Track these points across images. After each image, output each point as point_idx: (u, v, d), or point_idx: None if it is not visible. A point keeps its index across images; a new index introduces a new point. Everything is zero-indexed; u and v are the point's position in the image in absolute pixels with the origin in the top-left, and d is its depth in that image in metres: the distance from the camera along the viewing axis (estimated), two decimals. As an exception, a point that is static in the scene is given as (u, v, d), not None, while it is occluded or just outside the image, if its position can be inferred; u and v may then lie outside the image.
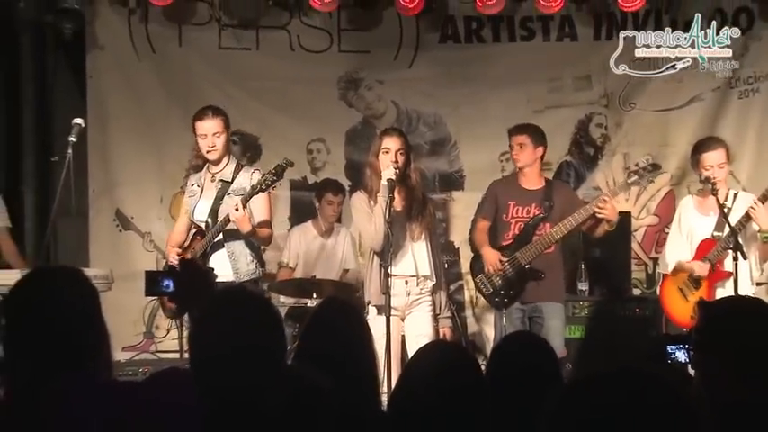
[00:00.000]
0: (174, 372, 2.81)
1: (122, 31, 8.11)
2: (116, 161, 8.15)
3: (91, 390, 2.61)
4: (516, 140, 6.68)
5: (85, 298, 2.74)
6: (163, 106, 8.02)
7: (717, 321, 3.00)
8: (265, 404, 2.36)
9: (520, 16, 8.32)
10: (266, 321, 2.52)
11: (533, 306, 6.54)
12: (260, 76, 8.34)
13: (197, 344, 2.48)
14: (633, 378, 1.57)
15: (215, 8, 8.20)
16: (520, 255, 6.51)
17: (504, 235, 6.64)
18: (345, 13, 8.27)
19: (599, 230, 6.62)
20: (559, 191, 6.79)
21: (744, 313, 3.04)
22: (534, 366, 3.19)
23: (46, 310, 2.66)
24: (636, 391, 1.54)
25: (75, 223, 7.82)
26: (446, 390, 2.72)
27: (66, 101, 8.00)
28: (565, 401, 1.56)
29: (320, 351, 3.32)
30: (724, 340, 2.90)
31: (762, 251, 6.56)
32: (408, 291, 6.12)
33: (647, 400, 1.53)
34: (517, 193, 6.67)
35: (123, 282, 6.61)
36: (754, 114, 8.23)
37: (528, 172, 6.66)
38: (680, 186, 8.22)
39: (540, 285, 6.50)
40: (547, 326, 6.45)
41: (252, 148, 8.33)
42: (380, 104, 8.51)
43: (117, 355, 6.90)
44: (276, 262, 8.00)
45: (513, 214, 6.64)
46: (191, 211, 6.35)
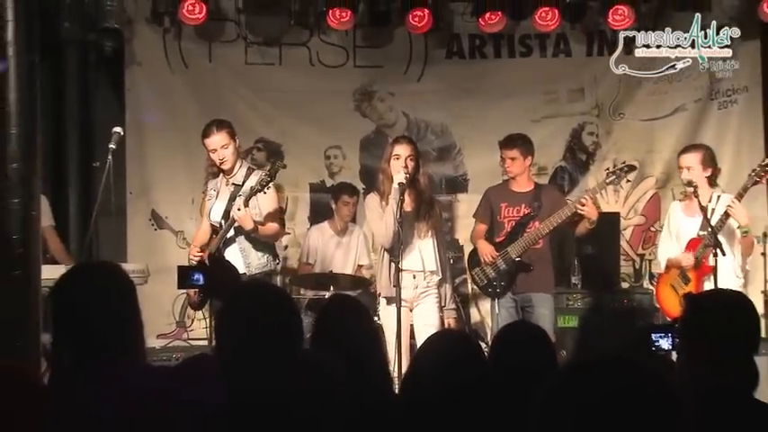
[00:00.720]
0: (204, 357, 2.82)
1: (158, 48, 8.14)
2: (151, 166, 8.17)
3: (128, 373, 2.62)
4: (508, 155, 6.68)
5: (124, 290, 2.75)
6: (194, 116, 8.02)
7: (701, 312, 3.02)
8: (284, 386, 2.37)
9: (519, 34, 8.32)
10: (283, 311, 2.52)
11: (524, 296, 6.57)
12: (282, 89, 8.35)
13: (222, 332, 2.49)
14: (618, 365, 1.56)
15: (242, 27, 8.22)
16: (511, 249, 6.56)
17: (499, 233, 6.69)
18: (360, 32, 8.27)
19: (580, 228, 6.66)
20: (547, 193, 6.82)
21: (725, 305, 3.06)
22: (532, 354, 3.19)
23: (88, 301, 2.67)
24: (620, 378, 1.53)
25: (114, 222, 7.84)
26: (452, 376, 2.72)
27: (107, 111, 8.02)
28: (553, 389, 1.55)
29: (332, 341, 3.33)
30: (708, 329, 2.91)
31: (743, 245, 6.56)
32: (416, 284, 6.14)
33: (632, 387, 1.52)
34: (508, 196, 6.72)
35: (158, 276, 6.64)
36: (732, 123, 8.21)
37: (519, 178, 6.70)
38: (665, 189, 8.22)
39: (530, 277, 6.54)
40: (536, 314, 6.47)
41: (275, 154, 8.34)
42: (392, 115, 8.51)
43: (152, 342, 6.97)
44: (297, 258, 8.04)
45: (506, 214, 6.68)
46: (208, 213, 6.39)
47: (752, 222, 7.75)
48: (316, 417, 2.38)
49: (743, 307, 3.03)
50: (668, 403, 1.51)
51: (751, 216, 7.41)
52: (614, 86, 8.35)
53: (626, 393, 1.51)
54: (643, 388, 1.52)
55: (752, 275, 7.76)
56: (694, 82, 8.23)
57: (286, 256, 8.16)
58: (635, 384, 1.52)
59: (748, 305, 3.05)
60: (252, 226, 6.00)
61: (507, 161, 6.68)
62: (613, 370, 1.55)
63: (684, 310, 3.12)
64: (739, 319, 2.96)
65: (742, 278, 6.56)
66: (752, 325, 2.98)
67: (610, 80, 8.31)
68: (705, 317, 2.98)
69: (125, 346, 2.65)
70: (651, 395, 1.51)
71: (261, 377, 2.37)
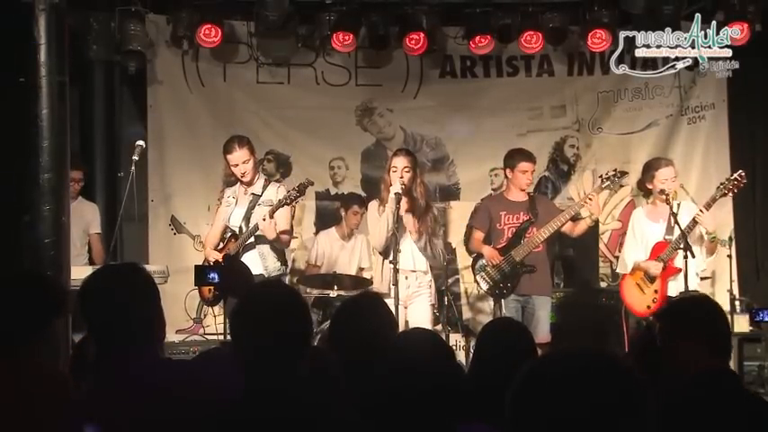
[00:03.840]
0: (218, 351, 2.82)
1: (177, 68, 8.14)
2: (171, 176, 8.17)
3: (150, 364, 2.63)
4: (530, 167, 6.67)
5: (146, 289, 2.75)
6: (210, 130, 8.03)
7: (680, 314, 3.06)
8: (294, 376, 2.37)
9: (506, 56, 8.33)
10: (296, 309, 2.51)
11: (526, 298, 6.57)
12: (290, 106, 8.36)
13: (237, 326, 2.48)
14: (586, 358, 1.54)
15: (253, 49, 8.21)
16: (514, 252, 6.57)
17: (499, 240, 6.68)
18: (362, 54, 8.28)
19: (578, 229, 6.67)
20: (541, 201, 6.87)
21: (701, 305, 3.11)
22: (511, 345, 3.16)
23: (114, 299, 2.67)
24: (587, 370, 1.51)
25: (137, 227, 7.86)
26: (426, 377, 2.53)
27: (131, 126, 8.04)
28: (525, 380, 1.53)
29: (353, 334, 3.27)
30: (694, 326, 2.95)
31: (708, 248, 6.60)
32: (408, 284, 6.16)
33: (599, 378, 1.50)
34: (507, 205, 6.73)
35: (177, 276, 6.64)
36: (701, 137, 8.23)
37: (515, 188, 6.71)
38: (639, 197, 8.22)
39: (531, 279, 6.54)
40: (537, 315, 6.51)
41: (284, 164, 8.36)
42: (390, 129, 8.52)
43: (171, 336, 6.97)
44: (305, 260, 8.04)
45: (506, 222, 6.68)
46: (227, 218, 6.39)
47: (719, 228, 7.81)
48: (320, 411, 2.36)
49: (713, 306, 3.10)
50: (632, 395, 1.49)
51: (718, 222, 7.45)
52: (593, 103, 8.38)
53: (591, 385, 1.49)
54: (609, 380, 1.50)
55: (718, 276, 7.81)
56: (666, 99, 8.26)
57: (294, 258, 8.17)
58: (602, 376, 1.50)
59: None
60: (274, 236, 6.06)
61: (528, 174, 6.66)
62: (580, 363, 1.53)
63: (661, 319, 3.16)
64: (715, 317, 3.03)
65: (699, 280, 6.61)
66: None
67: (589, 98, 8.37)
68: (687, 316, 3.03)
69: (149, 339, 2.66)
70: (617, 388, 1.49)
71: (273, 367, 2.36)
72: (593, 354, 1.54)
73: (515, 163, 6.67)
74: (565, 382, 1.49)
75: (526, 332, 3.39)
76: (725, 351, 2.97)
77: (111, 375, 2.58)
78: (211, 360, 2.78)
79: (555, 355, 1.57)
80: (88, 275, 2.84)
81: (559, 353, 1.57)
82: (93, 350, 2.70)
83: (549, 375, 1.52)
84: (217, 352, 2.92)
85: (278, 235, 6.07)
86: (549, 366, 1.55)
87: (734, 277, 7.48)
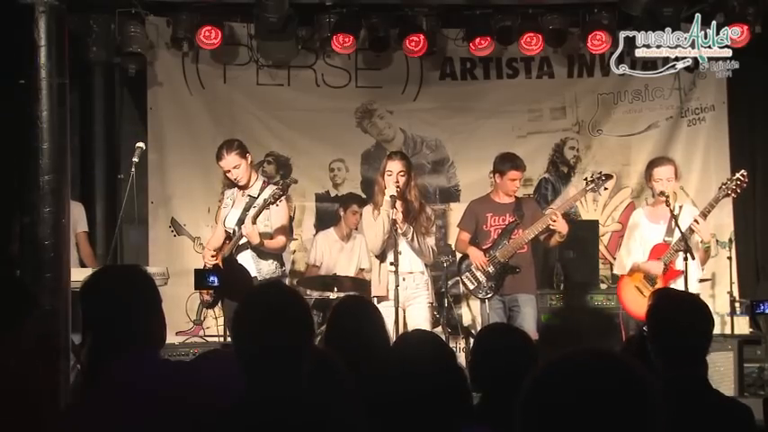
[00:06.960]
0: (218, 352, 2.82)
1: (177, 70, 8.14)
2: (171, 178, 8.16)
3: (151, 365, 2.62)
4: (517, 176, 6.68)
5: (146, 291, 2.74)
6: (210, 132, 8.03)
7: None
8: (297, 378, 2.36)
9: (506, 58, 8.33)
10: (297, 310, 2.50)
11: (511, 297, 6.60)
12: (290, 107, 8.36)
13: (239, 328, 2.47)
14: (594, 361, 1.53)
15: (253, 51, 8.22)
16: (499, 253, 6.59)
17: (485, 241, 6.69)
18: (362, 55, 8.29)
19: (552, 242, 6.71)
20: (527, 204, 6.88)
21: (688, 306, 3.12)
22: (510, 354, 3.09)
23: (115, 300, 2.67)
24: (595, 372, 1.51)
25: (137, 229, 7.87)
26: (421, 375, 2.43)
27: (130, 128, 8.03)
28: (532, 386, 1.52)
29: (346, 335, 3.30)
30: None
31: (702, 257, 6.62)
32: (406, 286, 6.16)
33: (606, 380, 1.49)
34: (493, 207, 6.74)
35: (177, 278, 6.64)
36: (701, 139, 8.23)
37: (503, 191, 6.72)
38: (639, 199, 8.23)
39: (516, 279, 6.57)
40: (522, 313, 6.53)
41: (284, 166, 8.36)
42: (390, 131, 8.52)
43: (171, 338, 6.96)
44: (304, 262, 8.04)
45: (492, 223, 6.70)
46: (223, 219, 6.39)
47: (719, 229, 7.83)
48: (325, 413, 2.35)
49: (702, 306, 3.12)
50: (643, 395, 1.49)
51: (718, 223, 7.46)
52: (593, 105, 8.38)
53: (602, 383, 1.49)
54: (617, 381, 1.49)
55: (718, 278, 7.81)
56: (666, 101, 8.27)
57: (294, 259, 8.17)
58: (610, 378, 1.50)
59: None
60: (258, 241, 6.01)
61: (516, 182, 6.68)
62: (590, 362, 1.53)
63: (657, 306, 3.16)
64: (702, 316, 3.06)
65: (698, 283, 6.63)
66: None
67: (589, 100, 8.37)
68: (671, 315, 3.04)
69: (149, 341, 2.65)
70: (627, 387, 1.49)
71: (275, 368, 2.35)
72: (603, 356, 1.53)
73: (505, 170, 6.67)
74: (575, 388, 1.48)
75: (525, 336, 3.38)
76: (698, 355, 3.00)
77: (111, 376, 2.58)
78: (211, 361, 2.78)
79: (563, 359, 1.55)
80: (88, 276, 2.83)
81: (566, 357, 1.55)
82: (84, 354, 2.69)
83: (558, 380, 1.51)
84: (216, 353, 2.91)
85: (262, 241, 6.03)
86: (559, 372, 1.53)
87: (734, 279, 7.48)
